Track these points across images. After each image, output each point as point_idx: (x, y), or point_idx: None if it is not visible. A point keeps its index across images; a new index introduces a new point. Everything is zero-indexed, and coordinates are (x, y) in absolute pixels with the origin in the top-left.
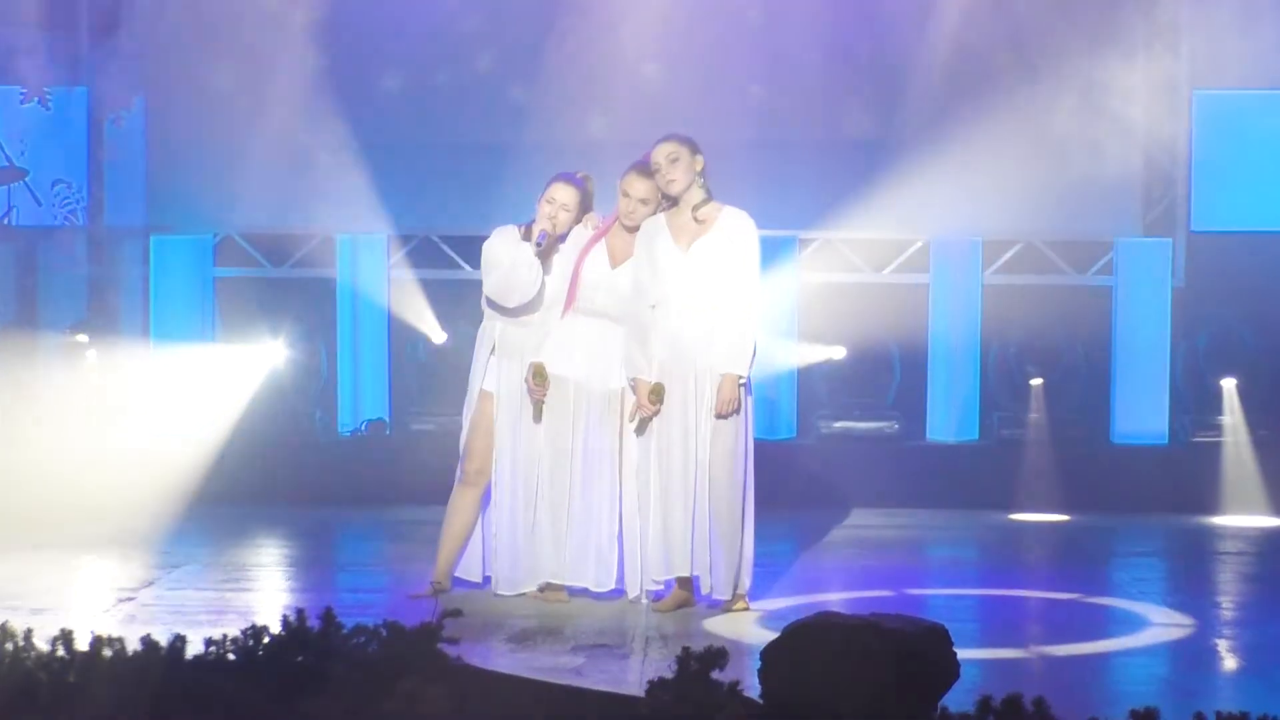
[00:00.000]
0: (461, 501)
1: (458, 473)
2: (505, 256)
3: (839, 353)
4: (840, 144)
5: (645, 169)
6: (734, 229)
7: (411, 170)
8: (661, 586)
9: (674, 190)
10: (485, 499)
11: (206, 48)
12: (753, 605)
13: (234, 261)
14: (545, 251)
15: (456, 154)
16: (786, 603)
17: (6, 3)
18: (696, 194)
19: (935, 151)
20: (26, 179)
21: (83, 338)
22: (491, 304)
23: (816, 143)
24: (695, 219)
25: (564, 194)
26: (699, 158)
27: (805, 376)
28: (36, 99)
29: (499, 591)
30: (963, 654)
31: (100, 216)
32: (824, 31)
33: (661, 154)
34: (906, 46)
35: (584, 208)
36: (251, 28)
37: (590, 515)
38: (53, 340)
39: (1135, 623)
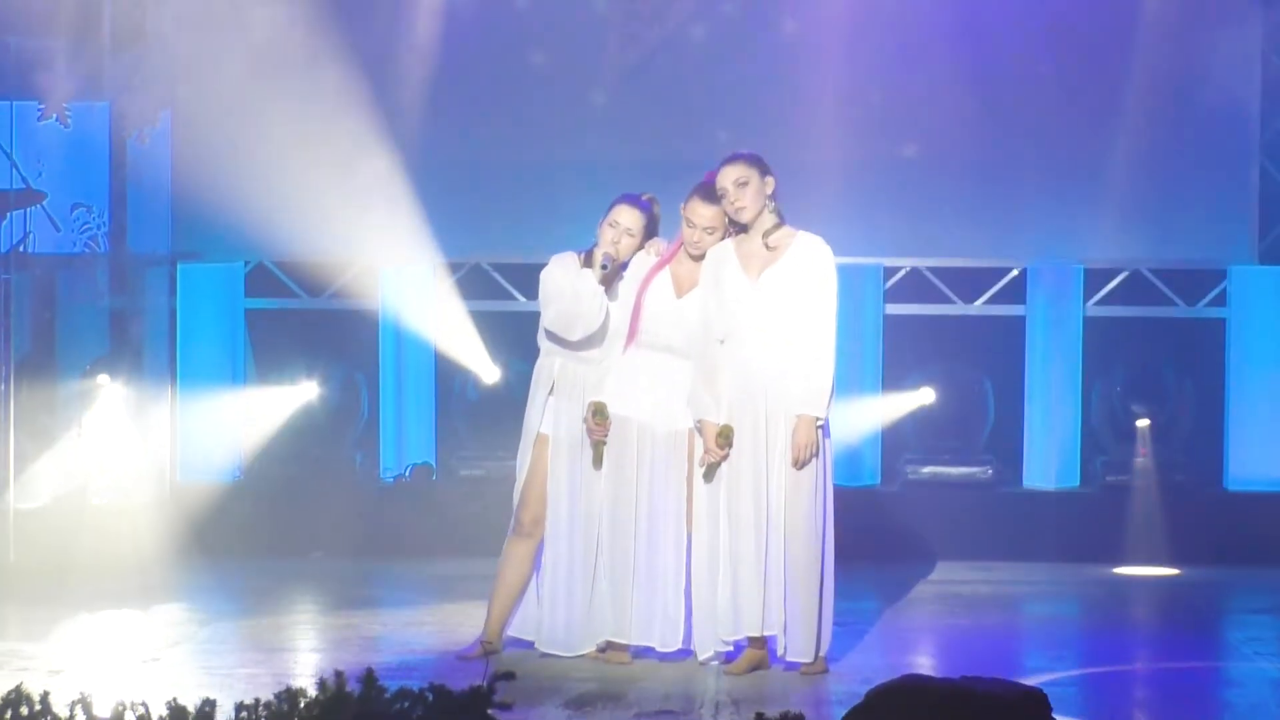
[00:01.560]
0: (516, 553)
1: (511, 522)
2: (567, 286)
3: (927, 397)
4: (928, 163)
5: (710, 193)
6: (808, 257)
7: (461, 192)
8: (731, 648)
9: (744, 218)
10: (541, 551)
11: (238, 60)
12: (833, 667)
13: (267, 291)
14: (608, 279)
15: (510, 174)
16: (870, 664)
17: (22, 12)
18: (767, 219)
19: (1032, 171)
20: (44, 202)
21: (104, 378)
22: (551, 337)
23: (902, 162)
24: (766, 246)
25: (628, 217)
26: (770, 179)
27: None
28: (55, 115)
29: (555, 652)
30: None
31: (123, 243)
32: (910, 42)
33: (729, 178)
34: (1001, 57)
35: (649, 233)
36: (287, 40)
37: (655, 568)
38: (72, 382)
39: (1250, 688)
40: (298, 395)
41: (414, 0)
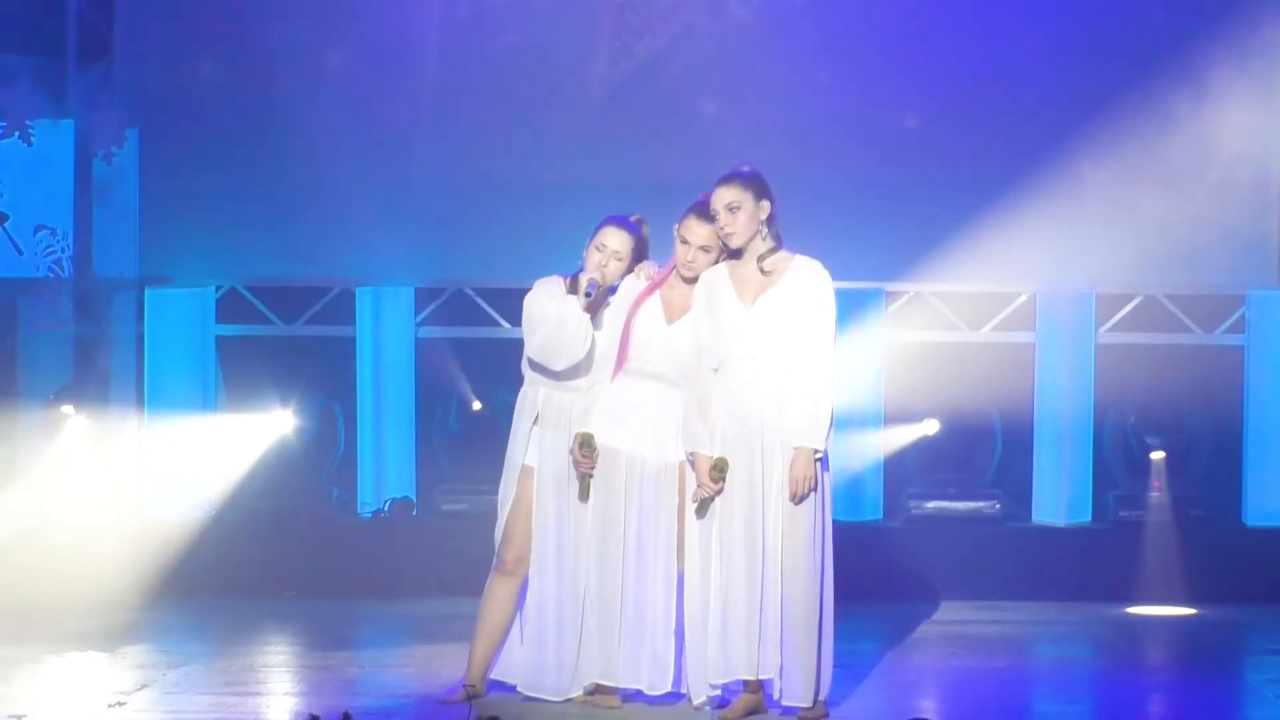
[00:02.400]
0: (498, 593)
1: (494, 560)
2: (551, 312)
3: (931, 428)
4: (933, 183)
5: (705, 212)
6: (806, 281)
7: (442, 214)
8: (720, 692)
9: (733, 243)
10: (525, 590)
11: (209, 76)
12: (833, 712)
13: (239, 317)
14: (594, 305)
15: (494, 195)
16: (871, 709)
17: None
18: (761, 243)
19: (1042, 192)
20: (5, 224)
21: (68, 409)
22: (534, 366)
23: (905, 181)
24: (761, 270)
25: (616, 240)
26: (765, 204)
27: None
28: (17, 133)
29: (541, 696)
30: None
31: (88, 267)
32: (915, 58)
33: (720, 200)
34: (1011, 75)
35: (638, 255)
36: (260, 55)
37: (644, 608)
38: (35, 412)
39: None
40: (271, 426)
41: (395, 17)
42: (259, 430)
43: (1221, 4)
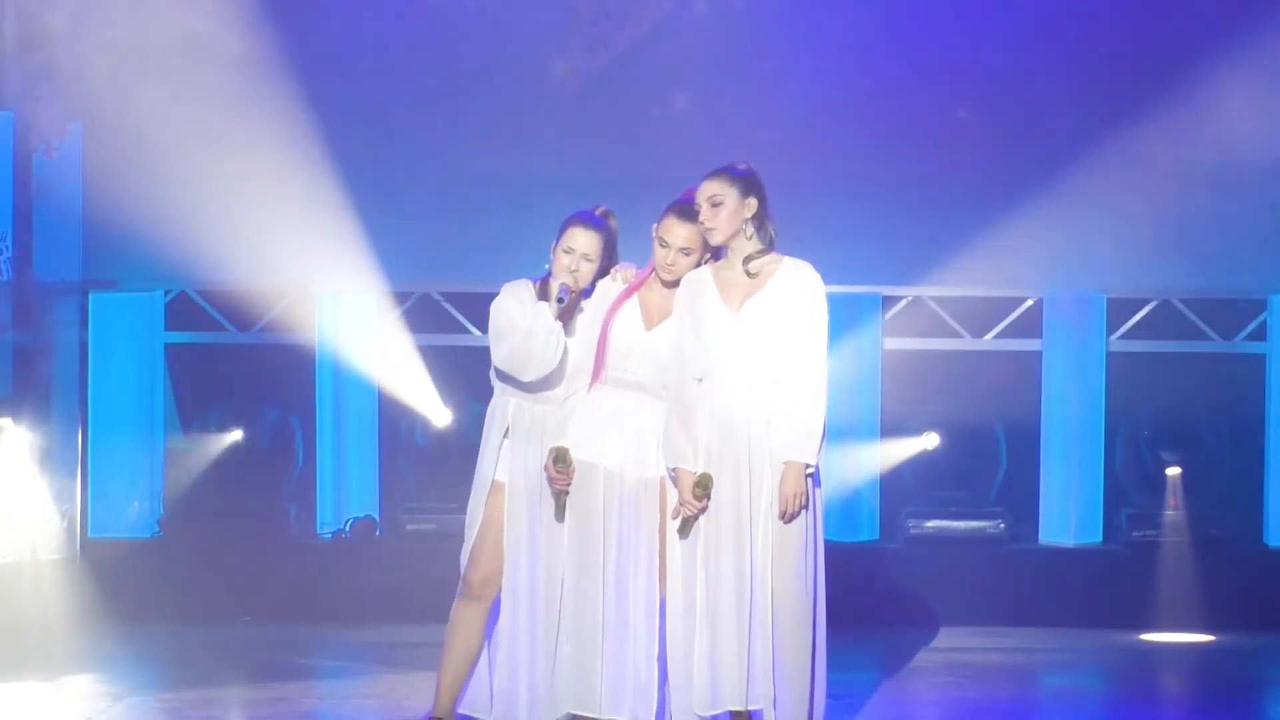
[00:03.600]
0: (464, 619)
1: (459, 584)
2: (519, 319)
3: (931, 442)
4: (932, 181)
5: (687, 210)
6: (796, 284)
7: (408, 213)
8: None
9: (713, 240)
10: (494, 615)
11: (157, 65)
12: None
13: (190, 324)
14: (566, 311)
15: (462, 194)
16: None
17: None
18: (747, 243)
19: (1049, 190)
20: None
21: (6, 421)
22: (503, 376)
23: (903, 179)
24: (748, 273)
25: (584, 241)
26: (751, 200)
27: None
28: None
29: None
30: None
31: (28, 270)
32: (913, 48)
33: (703, 194)
34: (1015, 67)
35: (608, 253)
36: (212, 45)
37: (624, 633)
38: None
39: None
40: (224, 441)
41: (359, 6)
42: (211, 445)
43: (1239, 1)
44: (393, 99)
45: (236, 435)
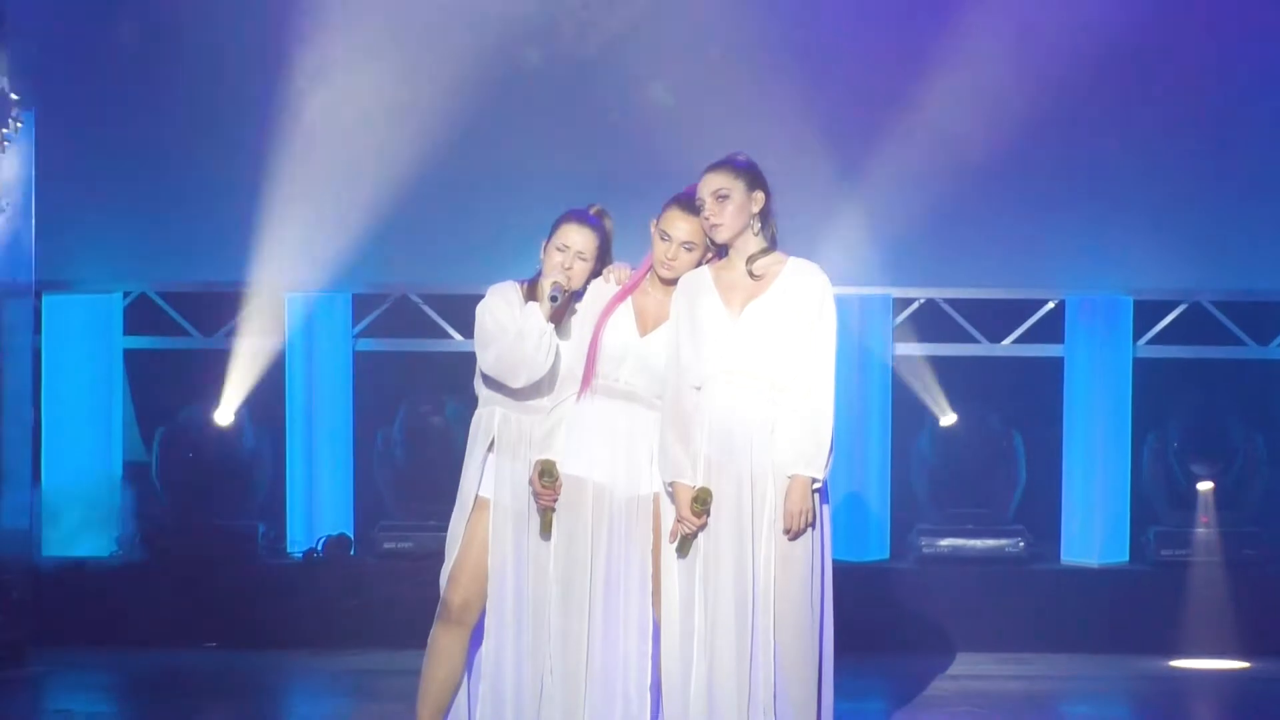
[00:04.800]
0: (443, 645)
1: (438, 607)
2: (508, 322)
3: (949, 419)
4: (945, 177)
5: (690, 203)
6: (801, 286)
7: (384, 210)
8: None
9: (718, 237)
10: (476, 641)
11: (116, 52)
12: None
13: (150, 328)
14: (557, 313)
15: (442, 190)
16: None
17: None
18: (752, 241)
19: (1072, 186)
20: None
21: None
22: (490, 384)
23: (916, 175)
24: (750, 274)
25: (579, 238)
26: (758, 195)
27: (901, 478)
28: None
29: None
30: None
31: None
32: (923, 33)
33: (708, 187)
34: (1035, 56)
35: (602, 255)
36: (172, 30)
37: (614, 661)
38: None
39: None
40: (187, 452)
41: None
42: (172, 457)
43: None
44: (365, 90)
45: (199, 447)
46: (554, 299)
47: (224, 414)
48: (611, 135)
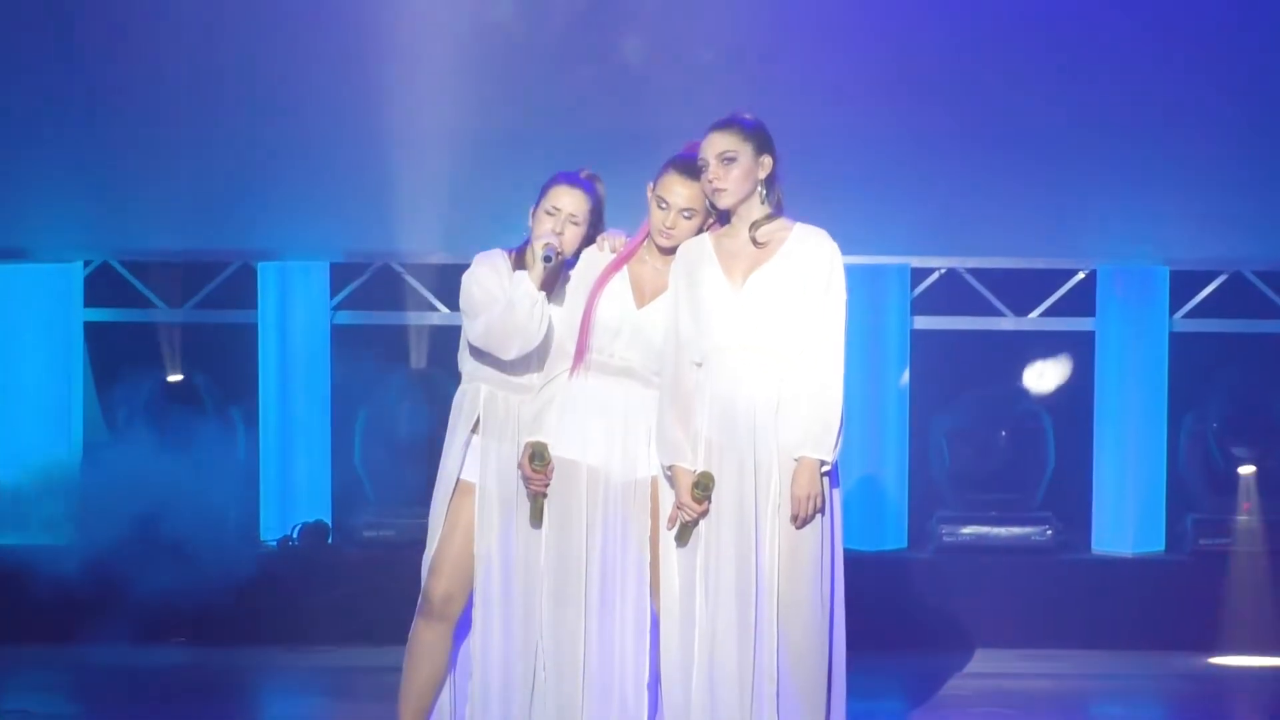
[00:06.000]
0: (426, 640)
1: (420, 600)
2: (498, 291)
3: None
4: (969, 136)
5: (691, 166)
6: (809, 254)
7: (363, 173)
8: None
9: (722, 202)
10: (461, 636)
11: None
12: None
13: (113, 300)
14: (548, 281)
15: (426, 151)
16: None
17: None
18: (757, 207)
19: (1104, 147)
20: None
21: None
22: (477, 356)
23: (933, 135)
24: (754, 241)
25: (571, 200)
26: (766, 159)
27: (919, 461)
28: None
29: None
30: None
31: None
32: None
33: (713, 149)
34: (1065, 5)
35: (594, 221)
36: None
37: (610, 656)
38: None
39: None
40: (151, 432)
41: None
42: (136, 438)
43: None
44: (344, 44)
45: (165, 427)
46: (548, 259)
47: (191, 392)
48: (604, 93)
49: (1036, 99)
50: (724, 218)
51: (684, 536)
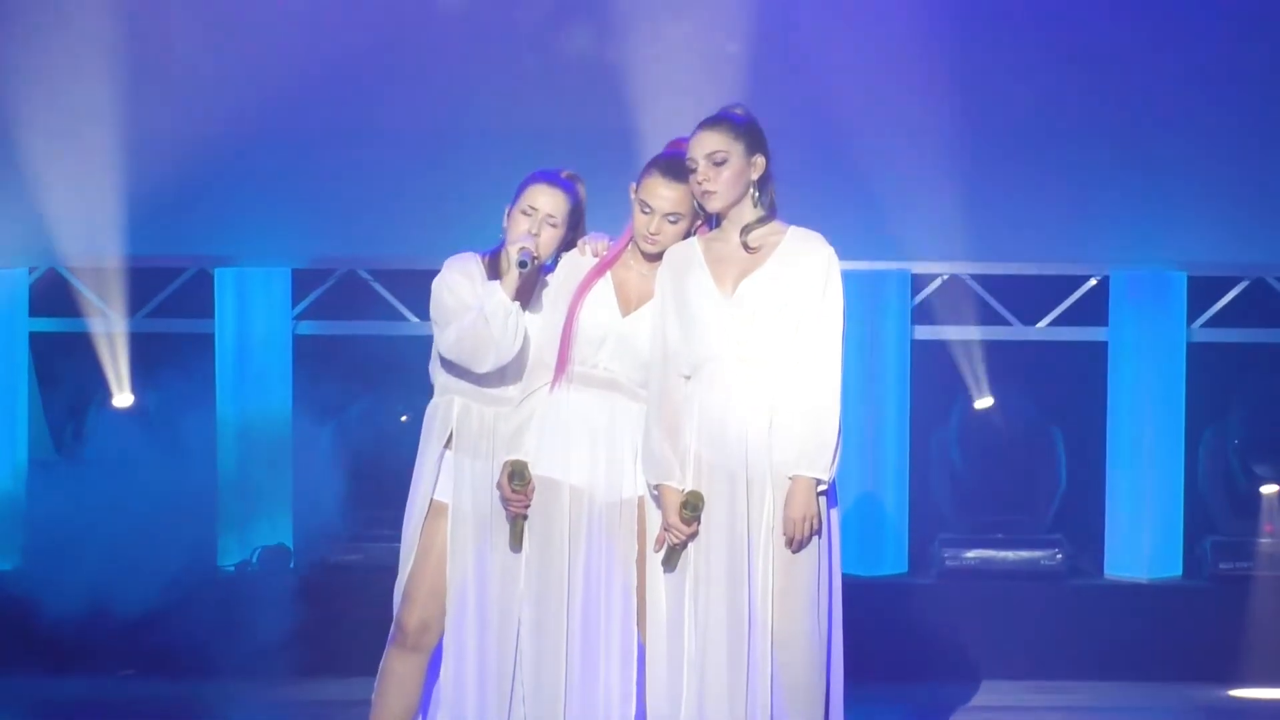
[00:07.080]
0: (398, 671)
1: (391, 628)
2: (470, 298)
3: (985, 402)
4: (974, 136)
5: (676, 168)
6: (803, 260)
7: (326, 174)
8: None
9: (712, 205)
10: (435, 667)
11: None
12: None
13: (60, 309)
14: (525, 287)
15: (394, 149)
16: None
17: None
18: (749, 210)
19: (1117, 147)
20: None
21: None
22: (449, 368)
23: (936, 133)
24: (746, 246)
25: (549, 200)
26: (758, 159)
27: (921, 481)
28: None
29: None
30: None
31: None
32: None
33: (702, 148)
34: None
35: (574, 223)
36: None
37: (593, 687)
38: None
39: None
40: (102, 449)
41: None
42: (85, 454)
43: None
44: (308, 39)
45: (116, 443)
46: (523, 265)
47: (144, 407)
48: (584, 88)
49: (1044, 93)
50: (713, 220)
51: (671, 560)
